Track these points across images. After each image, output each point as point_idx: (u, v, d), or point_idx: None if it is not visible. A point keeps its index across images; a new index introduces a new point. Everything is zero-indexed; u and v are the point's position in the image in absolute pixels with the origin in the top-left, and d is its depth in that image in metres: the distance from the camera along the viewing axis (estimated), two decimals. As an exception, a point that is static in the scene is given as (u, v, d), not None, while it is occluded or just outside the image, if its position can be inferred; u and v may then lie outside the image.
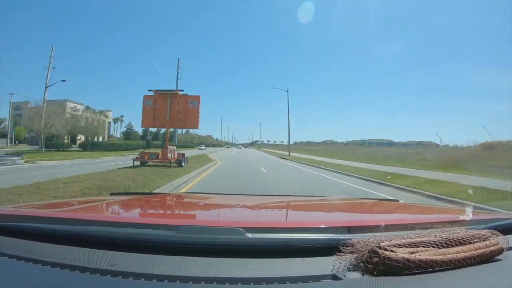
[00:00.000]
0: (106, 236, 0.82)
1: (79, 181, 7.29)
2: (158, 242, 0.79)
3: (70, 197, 4.95)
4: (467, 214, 1.02)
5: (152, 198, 1.74)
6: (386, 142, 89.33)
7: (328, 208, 1.67)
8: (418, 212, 1.53)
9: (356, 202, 1.94)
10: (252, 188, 8.15)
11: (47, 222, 0.92)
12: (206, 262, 0.70)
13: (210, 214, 1.41)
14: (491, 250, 0.72)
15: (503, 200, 6.41)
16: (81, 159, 21.61)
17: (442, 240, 0.70)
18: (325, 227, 0.87)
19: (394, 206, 1.67)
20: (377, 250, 0.64)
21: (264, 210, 1.51)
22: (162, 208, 1.59)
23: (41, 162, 18.02)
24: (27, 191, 5.67)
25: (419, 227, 0.89)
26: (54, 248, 0.80)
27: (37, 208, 1.30)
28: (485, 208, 5.15)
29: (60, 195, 5.45)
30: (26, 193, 5.51)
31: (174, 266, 0.69)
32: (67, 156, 23.06)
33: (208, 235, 0.77)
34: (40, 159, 19.39)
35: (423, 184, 8.83)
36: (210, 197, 2.01)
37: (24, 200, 4.71)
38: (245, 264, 0.70)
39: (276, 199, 2.16)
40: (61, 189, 6.10)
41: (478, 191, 7.17)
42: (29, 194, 5.44)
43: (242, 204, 1.61)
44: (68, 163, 17.64)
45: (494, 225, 0.92)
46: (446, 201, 6.71)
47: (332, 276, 0.65)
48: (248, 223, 0.96)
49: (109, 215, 1.26)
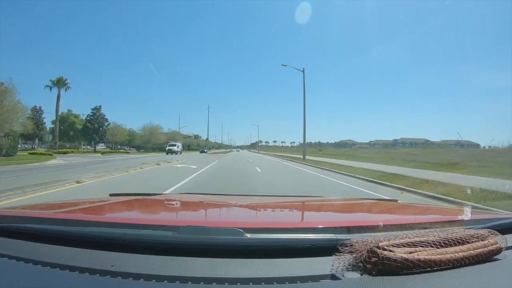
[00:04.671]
0: (105, 237, 0.82)
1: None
2: (158, 242, 0.79)
3: None
4: (466, 214, 1.03)
5: (151, 198, 1.73)
6: (422, 141, 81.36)
7: (327, 208, 1.68)
8: (417, 212, 1.54)
9: (355, 203, 1.94)
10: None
11: (47, 223, 0.92)
12: (205, 263, 0.71)
13: (209, 215, 1.41)
14: (490, 250, 0.72)
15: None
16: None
17: (440, 240, 0.70)
18: (324, 227, 0.87)
19: (392, 206, 1.67)
20: (375, 250, 0.65)
21: (263, 211, 1.51)
22: (161, 208, 1.58)
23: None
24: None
25: (417, 227, 0.89)
26: (53, 249, 0.80)
27: (37, 209, 1.30)
28: (484, 208, 5.16)
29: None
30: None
31: (173, 266, 0.69)
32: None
33: (207, 236, 0.78)
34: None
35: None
36: (209, 198, 2.01)
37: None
38: (244, 265, 0.71)
39: (275, 199, 2.16)
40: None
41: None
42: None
43: (241, 205, 1.61)
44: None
45: (493, 225, 0.92)
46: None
47: (331, 276, 0.65)
48: (247, 223, 0.96)
49: (108, 216, 1.25)
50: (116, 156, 30.86)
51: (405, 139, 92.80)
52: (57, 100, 41.11)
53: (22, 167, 14.29)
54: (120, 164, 15.43)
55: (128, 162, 18.25)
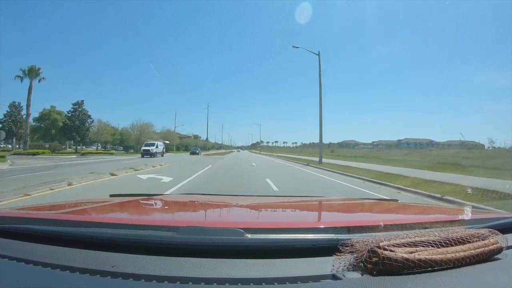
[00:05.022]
0: (106, 238, 0.82)
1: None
2: (158, 243, 0.79)
3: None
4: (466, 213, 1.02)
5: (152, 199, 1.73)
6: (427, 142, 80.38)
7: (327, 208, 1.68)
8: (417, 212, 1.53)
9: (355, 202, 1.94)
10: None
11: (47, 224, 0.92)
12: (206, 263, 0.71)
13: (209, 215, 1.41)
14: (490, 249, 0.72)
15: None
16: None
17: (441, 240, 0.70)
18: (324, 227, 0.87)
19: (393, 206, 1.67)
20: (376, 250, 0.64)
21: (264, 211, 1.51)
22: (161, 209, 1.59)
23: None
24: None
25: (418, 226, 0.89)
26: (54, 249, 0.80)
27: (37, 210, 1.30)
28: (485, 208, 5.16)
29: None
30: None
31: (174, 267, 0.69)
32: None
33: (207, 236, 0.78)
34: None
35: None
36: (210, 198, 2.00)
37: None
38: (245, 265, 0.71)
39: (276, 199, 2.16)
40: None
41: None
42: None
43: (241, 205, 1.61)
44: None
45: (493, 224, 0.92)
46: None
47: (331, 276, 0.65)
48: (247, 223, 0.96)
49: (108, 217, 1.25)
50: (91, 159, 24.96)
51: (409, 139, 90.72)
52: (29, 93, 35.00)
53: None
54: (61, 173, 10.84)
55: (77, 170, 12.72)
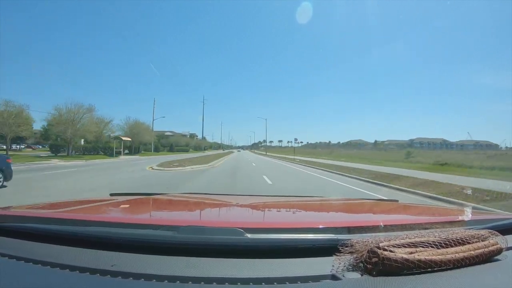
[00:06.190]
0: (106, 237, 0.82)
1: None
2: (158, 242, 0.79)
3: None
4: (466, 214, 1.02)
5: (152, 198, 1.73)
6: (440, 142, 77.67)
7: (327, 209, 1.67)
8: (417, 212, 1.53)
9: (355, 203, 1.94)
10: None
11: (47, 223, 0.92)
12: (205, 263, 0.71)
13: (209, 215, 1.41)
14: (490, 250, 0.72)
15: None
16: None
17: (441, 240, 0.70)
18: (324, 227, 0.87)
19: (393, 207, 1.67)
20: (376, 250, 0.65)
21: (264, 211, 1.51)
22: (161, 208, 1.58)
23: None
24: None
25: (418, 227, 0.89)
26: (53, 248, 0.80)
27: (37, 208, 1.30)
28: (484, 209, 5.16)
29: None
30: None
31: (173, 266, 0.69)
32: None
33: (207, 236, 0.78)
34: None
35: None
36: (210, 197, 2.00)
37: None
38: (245, 265, 0.71)
39: (276, 199, 2.15)
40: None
41: None
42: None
43: (241, 205, 1.61)
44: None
45: (493, 225, 0.92)
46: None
47: (331, 276, 0.65)
48: (247, 223, 0.96)
49: (108, 216, 1.25)
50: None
51: (422, 139, 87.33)
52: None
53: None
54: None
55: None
